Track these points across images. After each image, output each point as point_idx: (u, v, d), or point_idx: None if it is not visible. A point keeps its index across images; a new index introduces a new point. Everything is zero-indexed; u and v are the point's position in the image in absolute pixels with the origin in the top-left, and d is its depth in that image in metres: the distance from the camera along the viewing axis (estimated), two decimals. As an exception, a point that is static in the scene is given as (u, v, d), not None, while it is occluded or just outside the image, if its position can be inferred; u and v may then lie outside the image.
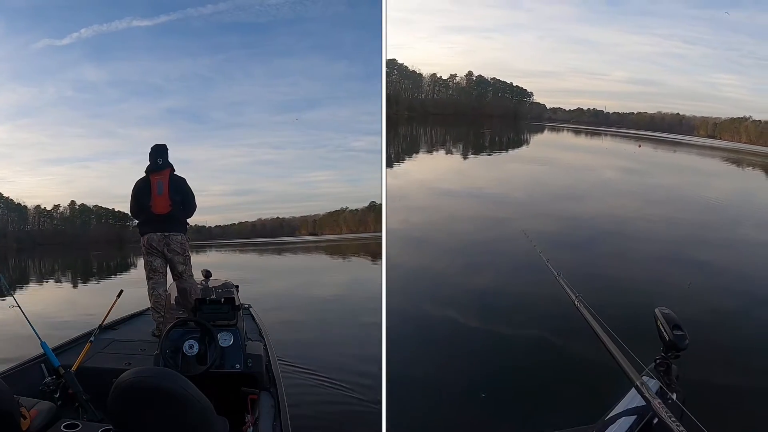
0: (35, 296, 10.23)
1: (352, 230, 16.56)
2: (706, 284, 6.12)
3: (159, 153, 4.13)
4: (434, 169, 14.87)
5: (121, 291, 3.84)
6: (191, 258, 4.24)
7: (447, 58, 20.06)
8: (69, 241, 16.64)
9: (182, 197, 4.11)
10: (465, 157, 17.13)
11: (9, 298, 3.32)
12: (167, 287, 4.10)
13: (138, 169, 4.19)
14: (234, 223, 18.76)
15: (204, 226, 17.93)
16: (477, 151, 18.01)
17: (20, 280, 13.27)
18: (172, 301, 4.06)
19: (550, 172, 13.62)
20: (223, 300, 3.24)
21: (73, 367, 2.95)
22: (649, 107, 19.42)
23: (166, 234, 4.04)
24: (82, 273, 13.51)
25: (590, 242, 7.71)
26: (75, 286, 11.66)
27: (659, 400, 1.60)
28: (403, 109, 20.52)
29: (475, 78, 21.56)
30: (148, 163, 4.16)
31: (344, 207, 17.74)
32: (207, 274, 4.13)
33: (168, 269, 4.18)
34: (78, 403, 2.76)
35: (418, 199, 10.18)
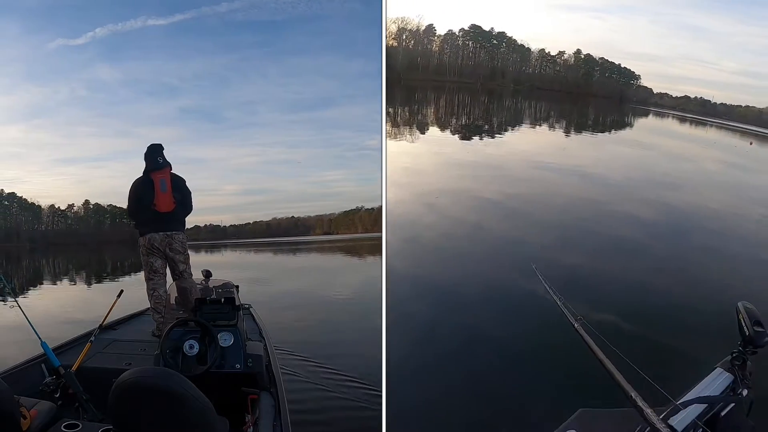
0: (49, 295, 10.26)
1: (367, 229, 16.42)
2: None
3: (158, 152, 4.12)
4: (535, 141, 14.75)
5: (122, 291, 3.85)
6: (190, 258, 4.22)
7: (557, 35, 20.04)
8: (83, 241, 16.65)
9: (182, 196, 4.11)
10: (567, 134, 17.00)
11: (9, 299, 3.32)
12: (167, 288, 4.10)
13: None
14: (248, 223, 18.73)
15: (218, 226, 17.95)
16: (579, 130, 17.81)
17: (34, 280, 13.34)
18: (173, 302, 4.07)
19: (651, 157, 13.36)
20: (223, 300, 3.24)
21: (74, 367, 2.95)
22: (759, 101, 18.67)
23: (168, 233, 4.02)
24: (96, 272, 13.52)
25: (682, 232, 7.61)
26: (89, 285, 11.65)
27: (731, 394, 1.61)
28: (509, 82, 20.48)
29: (583, 56, 21.53)
30: (145, 163, 4.14)
31: (359, 206, 17.60)
32: (207, 274, 4.14)
33: (167, 270, 4.17)
34: (78, 403, 2.76)
35: (516, 170, 10.20)
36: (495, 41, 20.75)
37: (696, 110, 19.81)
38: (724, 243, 7.44)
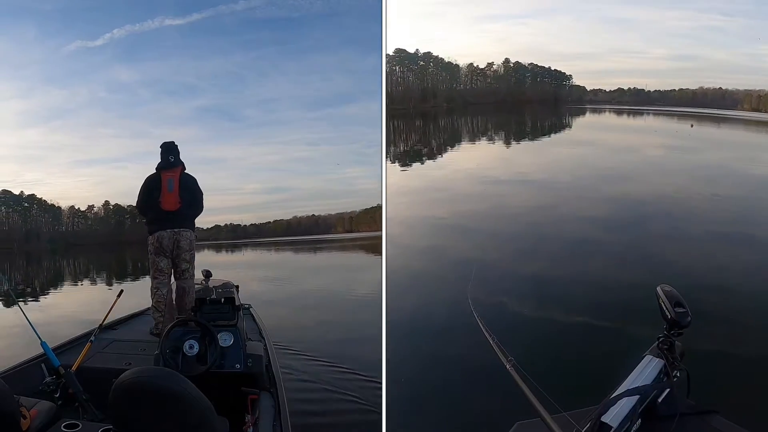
0: (70, 296, 10.34)
1: (390, 227, 16.38)
2: (762, 261, 6.06)
3: (171, 151, 4.14)
4: (477, 157, 14.76)
5: (122, 291, 3.85)
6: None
7: (483, 47, 19.92)
8: (103, 241, 16.80)
9: (191, 196, 4.12)
10: (507, 144, 17.07)
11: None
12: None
13: None
14: (269, 222, 18.81)
15: (239, 225, 18.01)
16: (519, 138, 17.89)
17: (55, 281, 13.40)
18: (174, 302, 4.09)
19: (594, 153, 13.46)
20: (223, 300, 3.24)
21: (74, 367, 2.95)
22: (691, 83, 18.91)
23: (176, 231, 4.04)
24: (117, 273, 13.61)
25: (639, 222, 7.64)
26: (110, 285, 11.70)
27: (664, 379, 1.61)
28: (442, 101, 20.51)
29: (512, 65, 21.55)
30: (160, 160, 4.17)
31: (380, 203, 17.48)
32: (207, 274, 4.14)
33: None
34: (78, 403, 2.76)
35: (464, 188, 10.13)
36: (422, 62, 20.84)
37: (631, 101, 20.07)
38: (681, 225, 7.52)
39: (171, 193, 4.03)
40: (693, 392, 1.66)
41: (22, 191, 16.68)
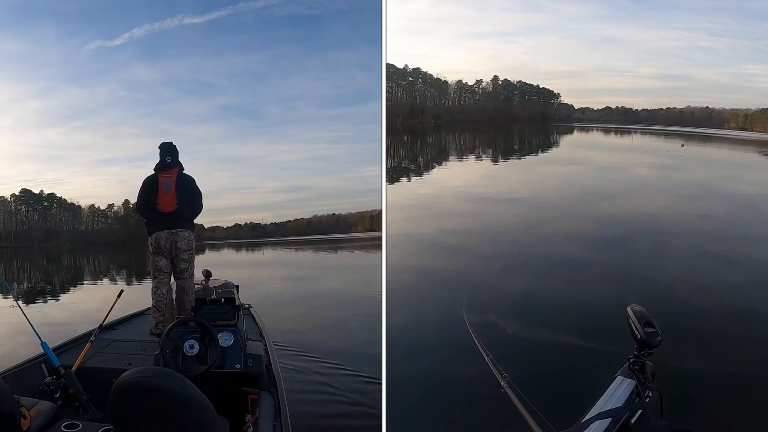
0: (90, 294, 10.40)
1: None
2: (745, 280, 6.12)
3: (168, 152, 4.14)
4: (464, 175, 14.78)
5: (122, 291, 3.85)
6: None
7: (472, 64, 20.03)
8: (122, 240, 16.68)
9: (189, 197, 4.12)
10: (495, 162, 17.06)
11: (10, 298, 3.33)
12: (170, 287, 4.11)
13: (192, 169, 4.21)
14: (289, 221, 18.52)
15: (259, 224, 17.79)
16: (507, 156, 17.93)
17: (74, 279, 13.41)
18: (174, 301, 4.09)
19: (581, 172, 13.55)
20: (223, 300, 3.25)
21: (74, 367, 2.95)
22: (678, 102, 19.19)
23: (173, 231, 4.04)
24: (137, 271, 13.70)
25: (625, 241, 7.69)
26: (129, 283, 11.70)
27: (636, 400, 1.60)
28: (430, 117, 20.41)
29: (501, 82, 21.56)
30: (166, 161, 4.16)
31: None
32: (207, 274, 4.15)
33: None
34: (78, 403, 2.76)
35: (451, 206, 10.14)
36: (410, 78, 20.69)
37: (619, 119, 20.32)
38: (667, 243, 7.56)
39: (168, 194, 4.03)
40: (672, 411, 1.65)
41: (42, 190, 16.74)
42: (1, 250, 15.97)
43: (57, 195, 16.90)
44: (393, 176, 13.77)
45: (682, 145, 17.27)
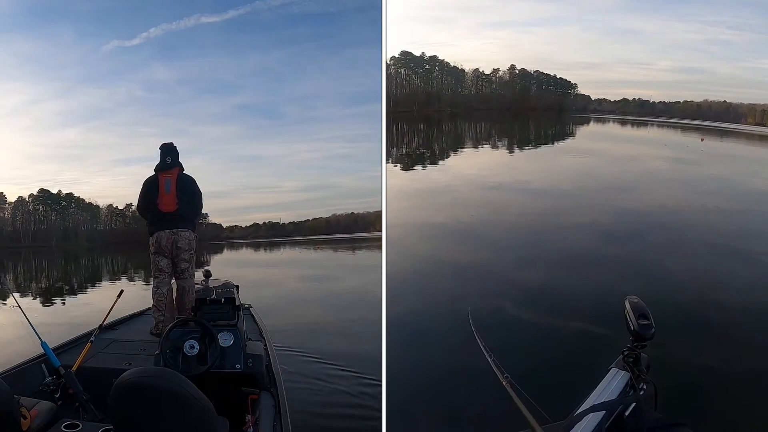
0: (108, 293, 10.41)
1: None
2: (761, 275, 6.10)
3: (169, 152, 4.16)
4: (480, 163, 14.67)
5: (122, 291, 3.85)
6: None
7: (489, 53, 19.93)
8: (140, 240, 16.66)
9: (189, 197, 4.13)
10: (511, 151, 16.98)
11: (9, 298, 3.33)
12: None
13: (210, 168, 4.22)
14: (308, 220, 18.44)
15: (277, 223, 17.73)
16: (522, 145, 17.86)
17: (92, 278, 13.41)
18: (174, 300, 4.10)
19: (598, 163, 13.48)
20: (223, 300, 3.25)
21: (74, 367, 2.95)
22: (696, 96, 19.05)
23: (174, 231, 4.05)
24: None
25: (639, 234, 7.62)
26: (147, 283, 11.79)
27: (630, 392, 1.59)
28: (446, 105, 20.33)
29: (518, 72, 21.46)
30: (167, 161, 4.17)
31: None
32: (207, 274, 4.15)
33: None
34: (78, 403, 2.76)
35: (465, 194, 10.12)
36: (427, 66, 20.62)
37: (635, 111, 20.18)
38: (682, 238, 7.53)
39: (168, 194, 4.05)
40: (681, 406, 1.64)
41: (60, 190, 16.74)
42: (20, 250, 16.01)
43: (75, 195, 16.97)
44: (408, 163, 13.76)
45: (702, 140, 17.18)
